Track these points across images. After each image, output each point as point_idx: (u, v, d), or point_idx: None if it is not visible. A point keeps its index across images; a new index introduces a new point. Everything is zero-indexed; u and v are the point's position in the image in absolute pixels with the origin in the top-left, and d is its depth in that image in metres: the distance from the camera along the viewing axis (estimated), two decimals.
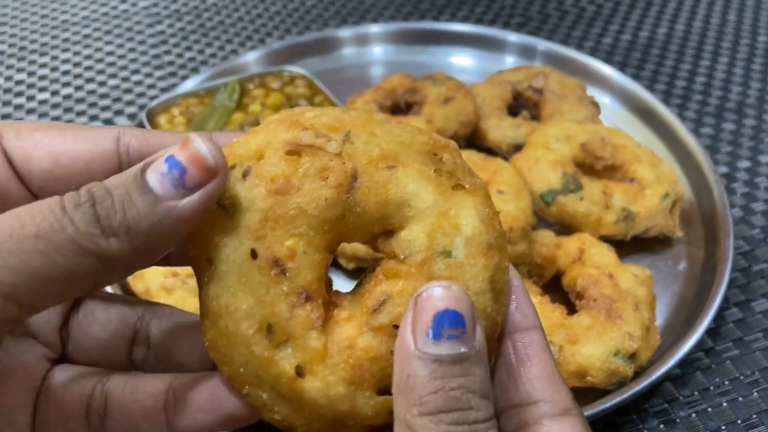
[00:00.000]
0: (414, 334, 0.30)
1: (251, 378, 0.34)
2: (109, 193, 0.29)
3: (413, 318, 0.30)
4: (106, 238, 0.28)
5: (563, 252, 0.77)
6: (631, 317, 0.68)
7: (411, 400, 0.29)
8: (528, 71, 1.02)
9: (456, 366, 0.29)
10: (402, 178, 0.34)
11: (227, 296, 0.33)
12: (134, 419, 0.36)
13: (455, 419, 0.28)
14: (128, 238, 0.29)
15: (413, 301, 0.31)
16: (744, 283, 0.81)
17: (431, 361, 0.29)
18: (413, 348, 0.29)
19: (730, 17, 1.30)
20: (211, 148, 0.30)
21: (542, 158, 0.83)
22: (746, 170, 0.96)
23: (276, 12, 1.32)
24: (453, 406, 0.29)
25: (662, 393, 0.70)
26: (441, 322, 0.29)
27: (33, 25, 1.28)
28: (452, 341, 0.29)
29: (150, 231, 0.29)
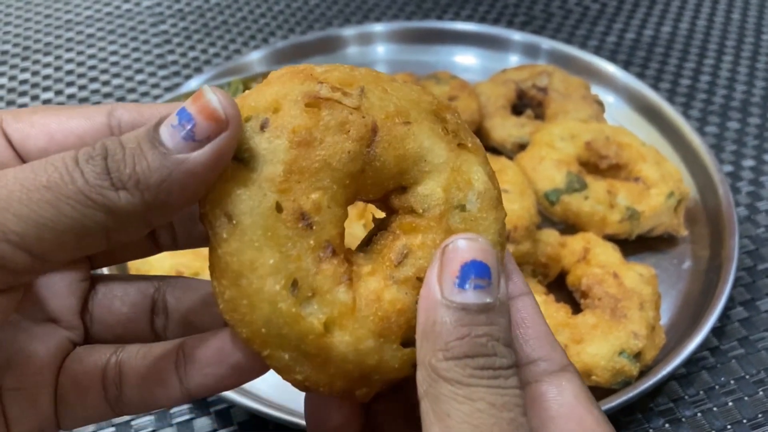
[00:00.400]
0: (441, 283, 0.30)
1: (273, 338, 0.33)
2: (122, 146, 0.29)
3: (440, 267, 0.31)
4: (115, 191, 0.28)
5: (568, 251, 0.77)
6: (636, 316, 0.68)
7: (437, 345, 0.29)
8: (532, 70, 1.02)
9: (482, 315, 0.30)
10: (418, 134, 0.34)
11: (252, 251, 0.31)
12: (148, 384, 0.36)
13: (481, 364, 0.29)
14: (138, 191, 0.29)
15: (440, 251, 0.31)
16: (749, 282, 0.80)
17: (458, 309, 0.30)
18: (440, 296, 0.30)
19: (734, 15, 1.30)
20: (222, 99, 0.30)
21: (546, 157, 0.83)
22: (751, 169, 0.96)
23: (279, 11, 1.32)
24: (479, 352, 0.29)
25: (667, 392, 0.69)
26: (468, 273, 0.30)
27: (37, 24, 1.28)
28: (478, 291, 0.30)
29: (160, 185, 0.29)
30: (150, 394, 0.37)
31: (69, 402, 0.37)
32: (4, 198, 0.27)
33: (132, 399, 0.37)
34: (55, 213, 0.28)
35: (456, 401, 0.29)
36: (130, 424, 0.67)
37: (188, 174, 0.29)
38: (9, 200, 0.27)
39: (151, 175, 0.29)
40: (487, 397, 0.29)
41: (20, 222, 0.27)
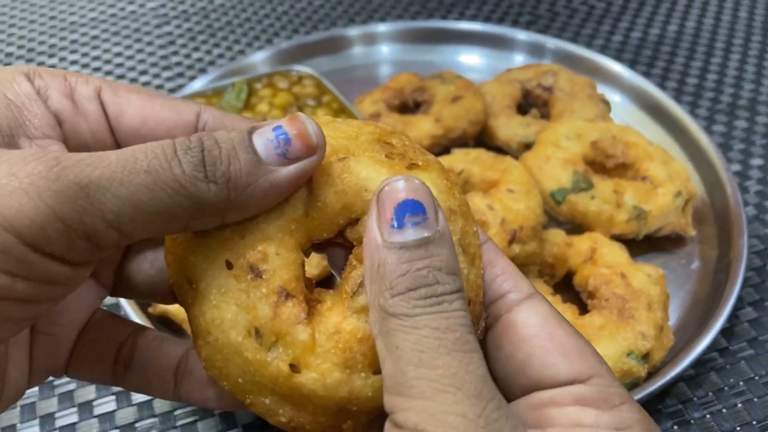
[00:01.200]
0: (379, 227, 0.31)
1: (250, 386, 0.34)
2: (218, 144, 0.31)
3: (377, 213, 0.32)
4: (207, 183, 0.31)
5: (574, 251, 0.76)
6: (644, 317, 0.67)
7: (383, 286, 0.31)
8: (537, 69, 1.01)
9: (421, 249, 0.31)
10: (354, 166, 0.35)
11: (211, 310, 0.34)
12: (149, 375, 0.39)
13: (422, 294, 0.30)
14: (227, 188, 0.31)
15: (374, 198, 0.32)
16: (758, 282, 0.79)
17: (398, 249, 0.31)
18: (380, 240, 0.31)
19: (742, 14, 1.29)
20: (315, 128, 0.33)
21: (552, 157, 0.83)
22: (759, 168, 0.95)
23: (283, 12, 1.31)
24: (420, 283, 0.30)
25: (676, 393, 0.69)
26: (402, 212, 0.31)
27: (41, 26, 1.29)
28: (415, 228, 0.31)
29: (247, 187, 0.31)
30: (147, 382, 0.39)
31: (82, 359, 0.39)
32: (107, 178, 0.29)
33: (133, 379, 0.39)
34: (150, 197, 0.29)
35: (403, 333, 0.30)
36: (134, 426, 0.66)
37: (272, 185, 0.32)
38: (111, 180, 0.29)
39: (242, 177, 0.31)
40: (430, 323, 0.30)
41: (118, 202, 0.29)
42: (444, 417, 0.28)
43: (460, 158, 0.81)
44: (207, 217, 0.32)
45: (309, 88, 1.01)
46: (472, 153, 0.81)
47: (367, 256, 0.32)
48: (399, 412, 0.29)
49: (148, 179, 0.29)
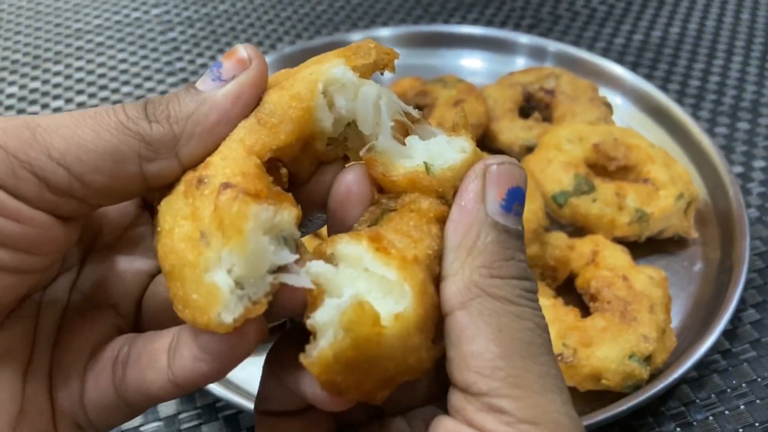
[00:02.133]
0: (484, 201, 0.31)
1: None
2: (160, 97, 0.35)
3: (482, 186, 0.31)
4: (148, 123, 0.33)
5: (576, 254, 0.76)
6: (646, 319, 0.68)
7: (479, 262, 0.30)
8: (539, 73, 1.01)
9: (519, 241, 0.31)
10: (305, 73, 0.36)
11: (164, 239, 0.33)
12: (142, 366, 0.37)
13: (526, 287, 0.31)
14: (168, 123, 0.33)
15: (481, 170, 0.32)
16: (761, 284, 0.79)
17: (502, 231, 0.31)
18: (484, 214, 0.31)
19: (744, 15, 1.29)
20: (248, 47, 0.35)
21: (554, 159, 0.83)
22: (762, 170, 0.95)
23: (287, 17, 1.32)
24: (524, 276, 0.31)
25: (679, 396, 0.69)
26: (514, 197, 0.31)
27: (47, 33, 1.30)
28: (518, 217, 0.31)
29: (188, 117, 0.33)
30: (142, 376, 0.37)
31: (90, 376, 0.38)
32: (54, 123, 0.32)
33: (130, 381, 0.37)
34: (94, 136, 0.32)
35: (507, 318, 0.30)
36: (139, 430, 0.67)
37: (213, 107, 0.34)
38: (58, 125, 0.32)
39: (182, 110, 0.34)
40: (534, 318, 0.31)
41: (63, 141, 0.31)
42: (558, 417, 0.29)
43: None
44: (159, 157, 0.33)
45: None
46: None
47: (462, 225, 0.31)
48: (503, 398, 0.29)
49: (92, 122, 0.32)
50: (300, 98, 0.35)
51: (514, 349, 0.29)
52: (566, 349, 0.66)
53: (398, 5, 1.35)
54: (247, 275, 0.31)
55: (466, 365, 0.30)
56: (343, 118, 0.36)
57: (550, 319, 0.68)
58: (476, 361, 0.30)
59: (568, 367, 0.65)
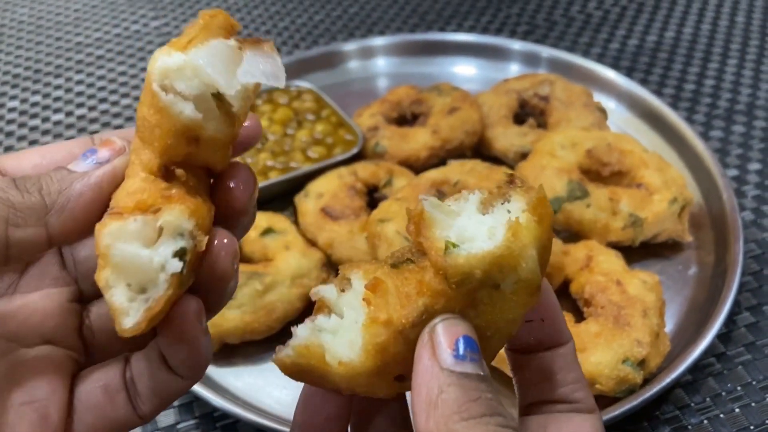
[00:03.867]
0: (436, 357, 0.32)
1: None
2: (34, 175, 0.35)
3: (432, 345, 0.33)
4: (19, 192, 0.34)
5: (571, 259, 0.77)
6: (640, 324, 0.68)
7: (448, 410, 0.31)
8: (533, 79, 1.02)
9: (484, 383, 0.32)
10: None
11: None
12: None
13: (501, 422, 0.31)
14: (39, 195, 0.35)
15: (428, 332, 0.33)
16: (756, 287, 0.80)
17: (461, 377, 0.32)
18: (439, 369, 0.32)
19: (739, 19, 1.29)
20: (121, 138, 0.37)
21: (548, 166, 0.83)
22: (757, 173, 0.95)
23: (284, 27, 1.33)
24: (496, 411, 0.32)
25: (673, 399, 0.69)
26: (465, 346, 0.33)
27: (48, 47, 1.31)
28: (474, 363, 0.33)
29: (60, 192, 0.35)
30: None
31: (82, 413, 0.38)
32: None
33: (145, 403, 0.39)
34: None
35: None
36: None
37: (87, 185, 0.35)
38: None
39: (53, 184, 0.35)
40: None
41: None
42: None
43: (455, 169, 0.82)
44: (27, 224, 0.34)
45: (308, 103, 1.02)
46: (468, 164, 0.82)
47: (423, 385, 0.32)
48: None
49: None
50: (149, 103, 0.36)
51: None
52: None
53: (394, 14, 1.36)
54: (141, 283, 0.34)
55: None
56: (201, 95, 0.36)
57: None
58: None
59: None
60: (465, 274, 0.33)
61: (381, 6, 1.39)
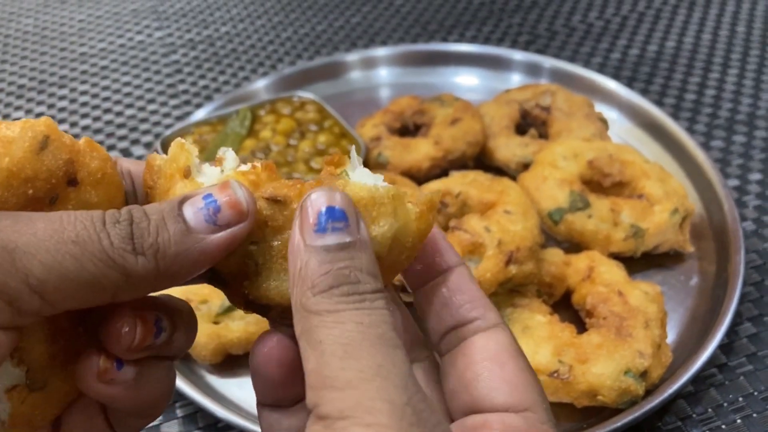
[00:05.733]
0: (302, 232, 0.33)
1: None
2: (147, 216, 0.32)
3: (300, 220, 0.33)
4: (135, 256, 0.31)
5: (572, 270, 0.77)
6: (642, 335, 0.68)
7: (304, 286, 0.31)
8: (535, 89, 1.03)
9: (343, 252, 0.32)
10: None
11: None
12: None
13: (345, 291, 0.31)
14: (155, 259, 0.32)
15: (299, 208, 0.33)
16: (757, 297, 0.80)
17: (320, 251, 0.32)
18: (303, 244, 0.32)
19: (740, 29, 1.30)
20: (246, 195, 0.34)
21: (549, 177, 0.84)
22: (758, 182, 0.95)
23: (287, 38, 1.34)
24: (343, 281, 0.31)
25: (675, 411, 0.69)
26: (326, 218, 0.32)
27: (52, 58, 1.32)
28: (337, 233, 0.32)
29: (176, 257, 0.32)
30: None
31: None
32: (34, 245, 0.30)
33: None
34: (77, 267, 0.30)
35: (326, 327, 0.30)
36: None
37: (203, 252, 0.32)
38: (38, 248, 0.30)
39: (170, 247, 0.32)
40: (354, 317, 0.31)
41: (45, 270, 0.30)
42: (371, 403, 0.28)
43: (457, 181, 0.82)
44: (137, 288, 0.32)
45: (311, 114, 1.03)
46: (470, 175, 0.83)
47: (291, 260, 0.33)
48: (324, 404, 0.29)
49: (76, 249, 0.30)
50: None
51: (332, 353, 0.30)
52: (562, 365, 0.67)
53: (396, 24, 1.37)
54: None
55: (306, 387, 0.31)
56: None
57: (545, 337, 0.69)
58: (308, 379, 0.30)
59: (564, 384, 0.66)
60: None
61: (383, 16, 1.39)
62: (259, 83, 1.10)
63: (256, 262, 0.35)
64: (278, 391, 0.38)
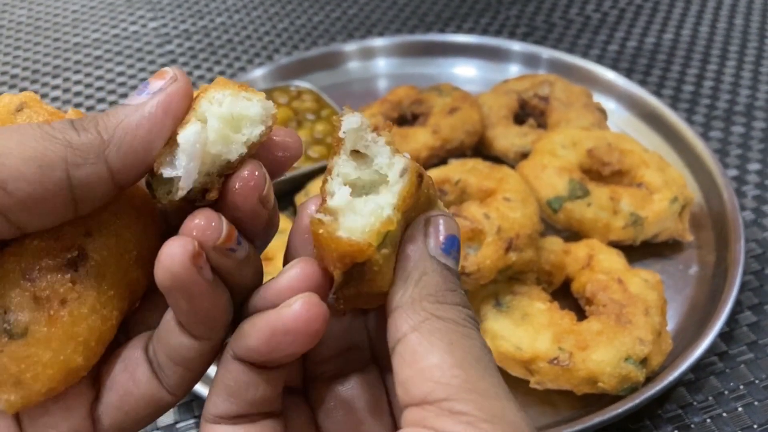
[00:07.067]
0: (429, 243, 0.35)
1: None
2: (89, 114, 0.35)
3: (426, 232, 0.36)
4: (76, 131, 0.33)
5: (572, 258, 0.77)
6: (642, 322, 0.68)
7: (427, 291, 0.34)
8: (533, 80, 1.02)
9: (459, 280, 0.36)
10: None
11: None
12: None
13: (469, 314, 0.35)
14: (96, 131, 0.33)
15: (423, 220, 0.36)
16: (757, 286, 0.80)
17: (443, 267, 0.35)
18: (428, 254, 0.35)
19: (737, 20, 1.30)
20: (174, 68, 0.36)
21: (549, 165, 0.83)
22: (757, 173, 0.95)
23: (283, 28, 1.33)
24: (467, 305, 0.35)
25: (676, 398, 0.69)
26: (451, 244, 0.36)
27: (45, 48, 1.31)
28: (456, 261, 0.36)
29: (117, 125, 0.33)
30: None
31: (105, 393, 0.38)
32: None
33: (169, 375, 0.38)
34: (19, 143, 0.31)
35: (456, 335, 0.33)
36: None
37: (144, 116, 0.34)
38: None
39: (108, 118, 0.34)
40: (479, 339, 0.34)
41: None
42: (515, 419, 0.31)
43: (456, 168, 0.82)
44: (88, 162, 0.33)
45: (308, 103, 1.02)
46: (469, 163, 0.82)
47: (412, 261, 0.35)
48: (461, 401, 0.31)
49: (17, 134, 0.32)
50: None
51: (466, 359, 0.32)
52: (562, 352, 0.66)
53: (394, 15, 1.36)
54: None
55: (422, 378, 0.32)
56: None
57: (545, 324, 0.69)
58: (432, 372, 0.32)
59: (564, 371, 0.66)
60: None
61: (380, 7, 1.39)
62: (256, 73, 1.09)
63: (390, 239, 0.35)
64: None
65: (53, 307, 0.33)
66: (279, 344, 0.34)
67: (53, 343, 0.33)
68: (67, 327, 0.34)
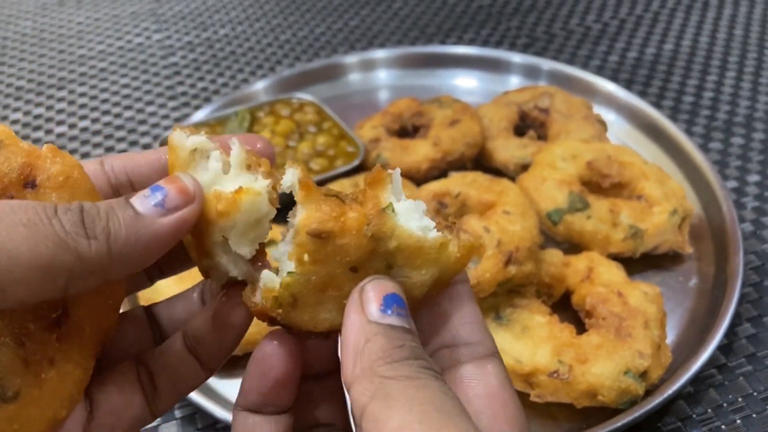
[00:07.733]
0: (365, 312, 0.35)
1: None
2: (96, 206, 0.33)
3: (360, 301, 0.35)
4: (87, 239, 0.31)
5: (572, 271, 0.77)
6: (641, 335, 0.68)
7: (374, 356, 0.33)
8: (534, 91, 1.03)
9: (409, 334, 0.35)
10: None
11: None
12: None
13: (424, 365, 0.33)
14: (107, 243, 0.32)
15: (358, 291, 0.36)
16: (756, 298, 0.80)
17: (386, 328, 0.34)
18: (368, 319, 0.34)
19: (737, 32, 1.30)
20: (191, 180, 0.35)
21: (548, 177, 0.84)
22: (756, 184, 0.96)
23: (285, 40, 1.34)
24: (419, 356, 0.34)
25: (675, 411, 0.69)
26: (390, 302, 0.35)
27: (51, 60, 1.32)
28: (400, 317, 0.35)
29: (128, 240, 0.32)
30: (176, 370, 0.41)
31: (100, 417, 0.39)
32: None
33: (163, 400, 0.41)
34: (29, 248, 0.30)
35: (412, 389, 0.32)
36: None
37: (154, 235, 0.33)
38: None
39: (121, 231, 0.32)
40: (440, 387, 0.32)
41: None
42: None
43: (456, 181, 0.82)
44: (90, 275, 0.32)
45: (310, 115, 1.03)
46: (469, 176, 0.83)
47: (351, 335, 0.34)
48: None
49: (27, 232, 0.30)
50: None
51: (426, 412, 0.31)
52: (562, 366, 0.67)
53: (395, 27, 1.37)
54: None
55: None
56: None
57: (545, 337, 0.69)
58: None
59: (564, 384, 0.66)
60: (383, 234, 0.35)
61: (381, 19, 1.40)
62: (258, 85, 1.10)
63: (292, 293, 0.36)
64: (270, 395, 0.39)
65: (43, 370, 0.35)
66: None
67: (43, 402, 0.35)
68: (55, 386, 0.35)
